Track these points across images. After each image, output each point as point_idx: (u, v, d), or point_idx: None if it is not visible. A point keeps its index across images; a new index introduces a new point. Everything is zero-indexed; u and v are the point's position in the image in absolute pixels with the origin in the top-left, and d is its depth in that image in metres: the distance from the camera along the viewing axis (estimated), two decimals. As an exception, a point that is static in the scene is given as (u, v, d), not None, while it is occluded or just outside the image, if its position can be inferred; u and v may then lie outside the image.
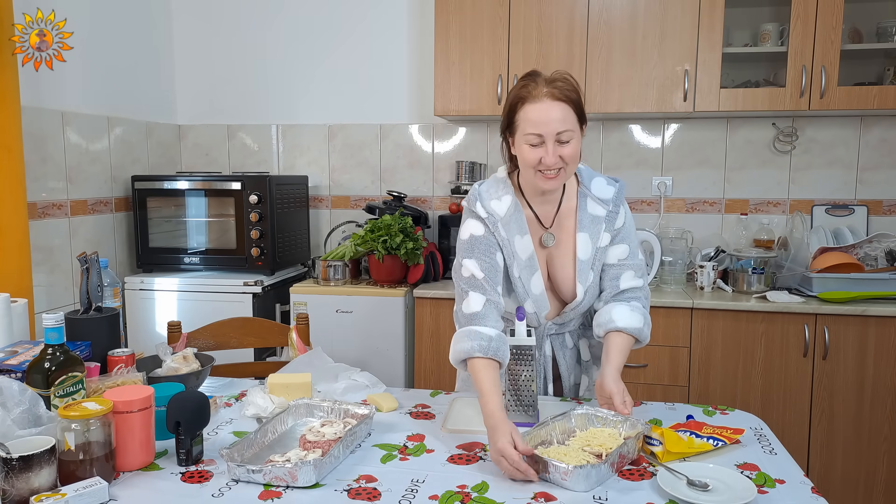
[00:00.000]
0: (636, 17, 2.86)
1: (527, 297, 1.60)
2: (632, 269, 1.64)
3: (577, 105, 1.49)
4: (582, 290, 1.60)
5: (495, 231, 1.58)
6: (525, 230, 1.59)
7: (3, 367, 1.47)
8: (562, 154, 1.47)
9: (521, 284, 1.59)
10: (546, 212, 1.63)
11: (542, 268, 1.63)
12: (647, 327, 1.61)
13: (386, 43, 3.42)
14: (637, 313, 1.59)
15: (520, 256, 1.59)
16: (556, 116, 1.46)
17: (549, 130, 1.46)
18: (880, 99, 2.73)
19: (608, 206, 1.61)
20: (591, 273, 1.61)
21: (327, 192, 3.58)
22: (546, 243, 1.63)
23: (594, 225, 1.61)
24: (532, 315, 1.62)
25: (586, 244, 1.60)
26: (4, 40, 2.23)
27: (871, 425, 2.60)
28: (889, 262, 2.73)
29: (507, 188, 1.62)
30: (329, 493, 1.22)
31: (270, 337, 2.20)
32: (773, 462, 1.34)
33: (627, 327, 1.57)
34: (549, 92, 1.46)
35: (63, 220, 2.84)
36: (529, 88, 1.48)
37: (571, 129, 1.47)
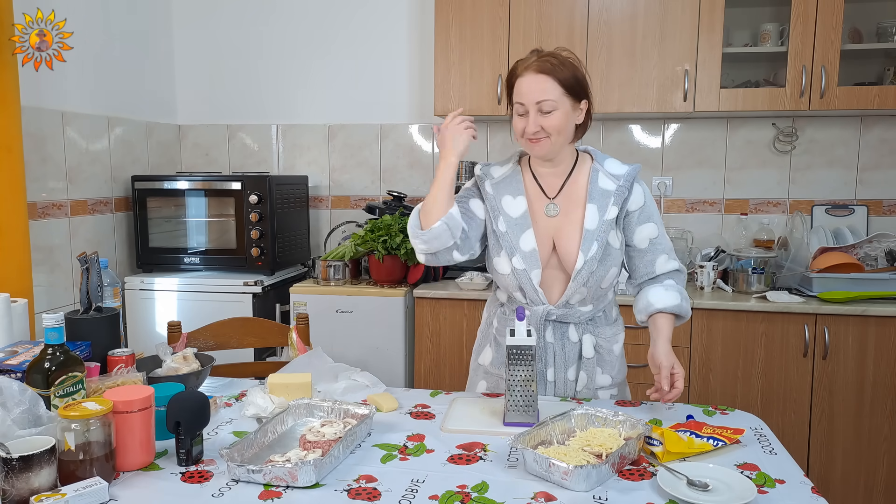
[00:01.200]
0: (636, 17, 2.86)
1: (515, 252, 1.65)
2: (664, 253, 1.70)
3: (564, 79, 1.57)
4: (583, 258, 1.62)
5: (482, 186, 1.71)
6: (519, 192, 1.69)
7: (3, 367, 1.48)
8: (543, 124, 1.57)
9: (507, 240, 1.66)
10: (551, 183, 1.70)
11: (541, 235, 1.67)
12: (686, 302, 1.69)
13: (386, 43, 3.42)
14: (672, 291, 1.67)
15: (507, 213, 1.68)
16: (536, 87, 1.56)
17: (530, 100, 1.57)
18: (880, 99, 2.73)
19: (619, 181, 1.66)
20: (596, 244, 1.63)
21: (327, 192, 3.58)
22: (548, 213, 1.68)
23: (603, 198, 1.65)
24: (522, 273, 1.65)
25: (594, 215, 1.64)
26: (4, 40, 2.23)
27: (871, 425, 2.60)
28: (889, 262, 2.73)
29: (513, 157, 1.76)
30: (329, 493, 1.22)
31: (270, 337, 2.20)
32: (773, 462, 1.34)
33: (666, 307, 1.66)
34: (535, 64, 1.57)
35: (63, 220, 2.84)
36: (521, 61, 1.61)
37: (553, 100, 1.56)
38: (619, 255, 1.68)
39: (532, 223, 1.66)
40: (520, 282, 1.66)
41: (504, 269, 1.67)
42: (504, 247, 1.66)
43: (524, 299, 1.69)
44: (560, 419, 1.43)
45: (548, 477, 1.25)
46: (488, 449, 1.40)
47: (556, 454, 1.28)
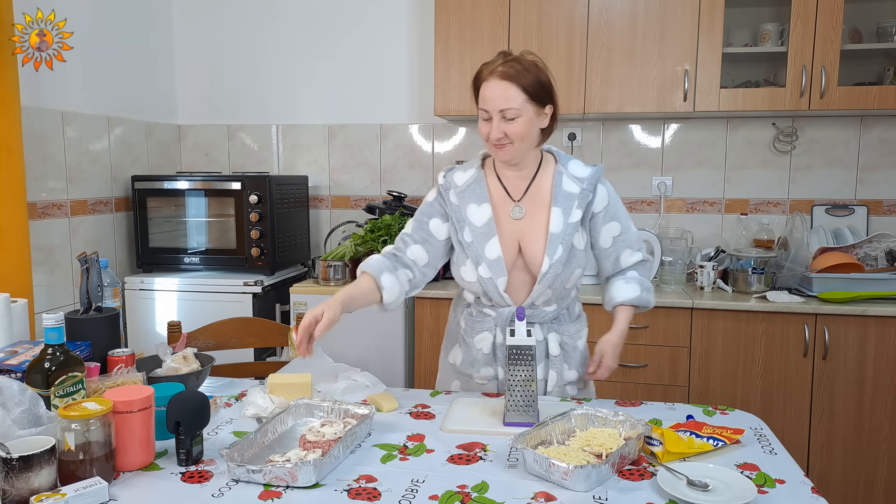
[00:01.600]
0: (636, 17, 2.86)
1: (481, 261, 1.66)
2: (629, 247, 1.76)
3: (528, 86, 1.56)
4: (548, 261, 1.64)
5: (446, 197, 1.71)
6: (483, 199, 1.69)
7: (3, 367, 1.48)
8: (506, 130, 1.58)
9: (472, 249, 1.67)
10: (516, 186, 1.71)
11: (506, 239, 1.68)
12: (647, 292, 1.75)
13: (386, 43, 3.42)
14: (633, 283, 1.74)
15: (473, 223, 1.68)
16: (500, 94, 1.56)
17: (493, 107, 1.57)
18: (880, 99, 2.73)
19: (582, 183, 1.68)
20: (560, 247, 1.65)
21: (327, 192, 3.58)
22: (514, 215, 1.69)
23: (568, 201, 1.67)
24: (487, 281, 1.67)
25: (558, 218, 1.66)
26: (4, 40, 2.23)
27: (871, 425, 2.60)
28: (889, 262, 2.73)
29: (476, 162, 1.75)
30: (329, 493, 1.22)
31: (270, 337, 2.20)
32: (773, 462, 1.34)
33: (626, 300, 1.74)
34: (499, 71, 1.56)
35: (63, 220, 2.84)
36: (486, 66, 1.60)
37: (516, 108, 1.56)
38: (584, 257, 1.71)
39: (497, 229, 1.68)
40: (485, 289, 1.68)
41: (470, 277, 1.70)
42: (470, 256, 1.68)
43: (489, 302, 1.72)
44: (560, 419, 1.43)
45: (548, 477, 1.25)
46: (488, 449, 1.40)
47: (556, 454, 1.28)
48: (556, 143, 3.31)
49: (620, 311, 1.77)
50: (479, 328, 1.76)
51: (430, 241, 1.73)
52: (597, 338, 1.77)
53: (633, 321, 2.73)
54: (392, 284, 1.66)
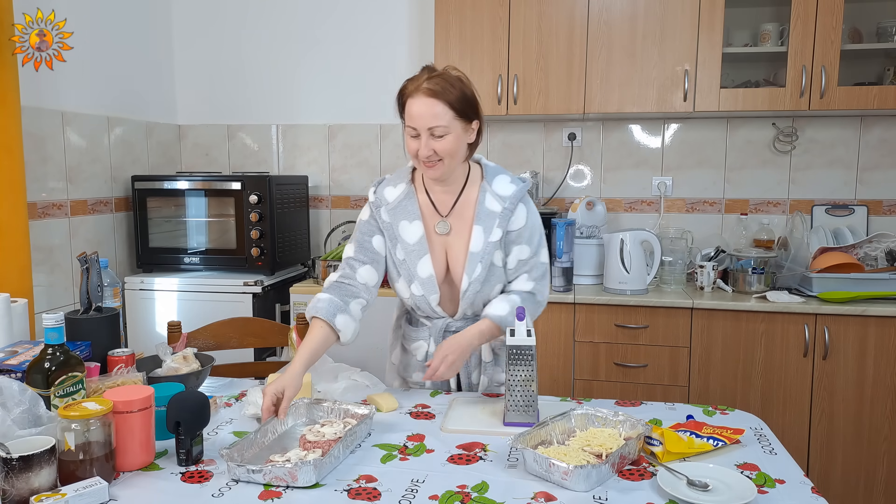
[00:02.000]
0: (636, 17, 2.86)
1: (413, 279, 1.69)
2: (526, 273, 1.70)
3: (455, 102, 1.56)
4: (467, 280, 1.66)
5: (377, 215, 1.70)
6: (415, 216, 1.68)
7: (3, 367, 1.48)
8: (435, 147, 1.56)
9: (405, 267, 1.68)
10: (443, 201, 1.70)
11: (437, 254, 1.69)
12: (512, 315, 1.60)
13: (386, 43, 3.42)
14: (504, 302, 1.66)
15: (405, 240, 1.68)
16: (427, 112, 1.54)
17: (422, 125, 1.55)
18: (880, 99, 2.73)
19: (504, 202, 1.66)
20: (479, 266, 1.65)
21: (327, 192, 3.58)
22: (439, 230, 1.70)
23: (489, 219, 1.66)
24: (420, 298, 1.69)
25: (479, 237, 1.66)
26: (4, 40, 2.23)
27: (871, 425, 2.60)
28: (889, 262, 2.73)
29: (405, 176, 1.73)
30: (329, 493, 1.22)
31: (270, 337, 2.20)
32: (773, 462, 1.34)
33: (489, 314, 1.66)
34: (425, 88, 1.55)
35: (63, 220, 2.84)
36: (410, 82, 1.59)
37: (445, 125, 1.55)
38: (504, 274, 1.71)
39: (428, 245, 1.68)
40: (418, 304, 1.72)
41: (404, 293, 1.73)
42: (402, 274, 1.70)
43: (423, 314, 1.76)
44: (560, 419, 1.43)
45: (548, 477, 1.25)
46: (488, 449, 1.41)
47: (556, 454, 1.28)
48: (557, 142, 3.32)
49: (484, 322, 1.67)
50: (415, 336, 1.81)
51: (377, 259, 1.72)
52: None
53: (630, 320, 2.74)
54: (346, 324, 1.63)
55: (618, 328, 2.74)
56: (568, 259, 2.84)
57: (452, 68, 1.63)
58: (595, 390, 2.77)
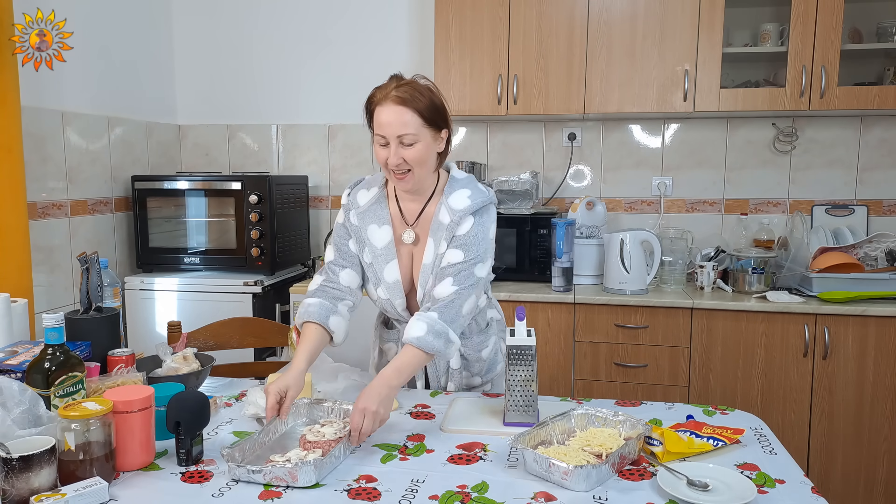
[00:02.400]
0: (636, 17, 2.86)
1: (379, 283, 1.70)
2: (452, 276, 1.59)
3: (424, 111, 1.55)
4: (421, 291, 1.68)
5: (348, 217, 1.72)
6: (384, 221, 1.69)
7: (3, 367, 1.48)
8: (404, 156, 1.55)
9: (372, 271, 1.70)
10: (410, 209, 1.71)
11: (404, 261, 1.70)
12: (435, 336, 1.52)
13: (386, 43, 3.42)
14: (421, 322, 1.54)
15: (373, 244, 1.69)
16: (396, 120, 1.54)
17: (391, 133, 1.55)
18: (880, 99, 2.73)
19: (454, 215, 1.62)
20: (431, 278, 1.65)
21: (327, 192, 3.58)
22: (404, 240, 1.70)
23: (439, 231, 1.64)
24: (386, 301, 1.71)
25: (430, 249, 1.66)
26: (4, 40, 2.23)
27: (871, 425, 2.60)
28: (889, 262, 2.73)
29: (379, 181, 1.74)
30: (329, 493, 1.22)
31: (270, 337, 2.20)
32: (773, 462, 1.34)
33: (409, 340, 1.53)
34: (394, 96, 1.54)
35: (63, 220, 2.84)
36: (379, 90, 1.58)
37: (414, 133, 1.54)
38: None
39: (396, 250, 1.69)
40: (385, 308, 1.74)
41: (373, 295, 1.75)
42: (369, 277, 1.71)
43: (395, 316, 1.77)
44: (560, 419, 1.43)
45: (548, 477, 1.25)
46: (488, 449, 1.41)
47: (556, 454, 1.28)
48: (557, 142, 3.32)
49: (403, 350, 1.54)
50: (387, 338, 1.84)
51: (355, 262, 1.73)
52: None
53: (630, 320, 2.75)
54: (339, 325, 1.65)
55: (618, 328, 2.74)
56: (568, 259, 2.84)
57: (421, 77, 1.62)
58: (595, 390, 2.77)
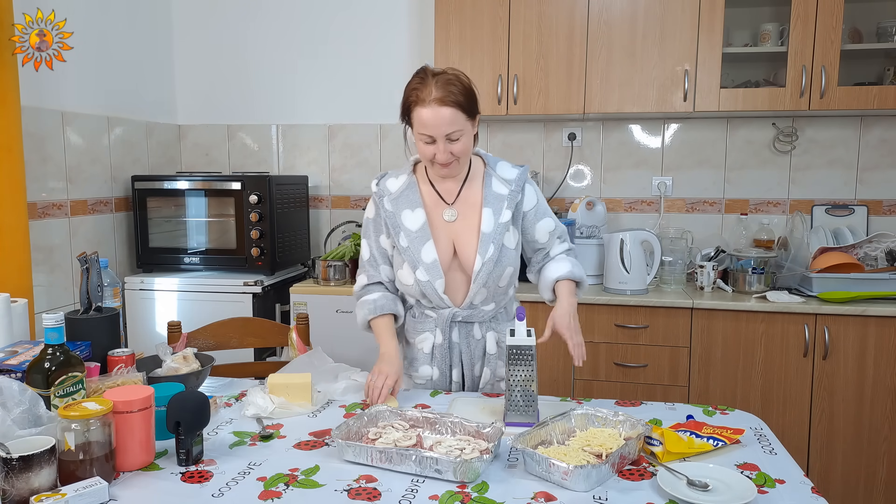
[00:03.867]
0: (636, 16, 2.86)
1: (418, 265, 1.72)
2: (558, 237, 1.84)
3: (465, 104, 1.62)
4: (480, 260, 1.70)
5: (381, 206, 1.77)
6: (417, 204, 1.75)
7: (3, 367, 1.48)
8: (452, 150, 1.64)
9: (409, 254, 1.73)
10: (448, 189, 1.77)
11: (441, 242, 1.74)
12: (577, 268, 1.79)
13: (386, 43, 3.42)
14: (562, 262, 1.79)
15: (408, 227, 1.73)
16: (444, 121, 1.60)
17: (439, 133, 1.61)
18: (880, 99, 2.73)
19: (511, 185, 1.75)
20: (492, 246, 1.70)
21: (327, 192, 3.58)
22: (447, 217, 1.76)
23: (497, 202, 1.73)
24: (426, 284, 1.72)
25: (489, 219, 1.72)
26: (4, 40, 2.23)
27: (871, 425, 2.60)
28: (889, 262, 2.73)
29: (407, 168, 1.81)
30: (329, 493, 1.22)
31: (270, 337, 2.20)
32: (773, 462, 1.34)
33: (561, 275, 1.76)
34: (437, 97, 1.59)
35: (63, 220, 2.84)
36: (419, 92, 1.61)
37: (460, 129, 1.62)
38: (515, 256, 1.76)
39: (432, 233, 1.73)
40: (424, 291, 1.73)
41: (407, 280, 1.75)
42: (407, 260, 1.73)
43: (429, 304, 1.77)
44: (560, 419, 1.43)
45: (548, 477, 1.25)
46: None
47: (556, 454, 1.28)
48: (557, 142, 3.32)
49: (560, 286, 1.77)
50: (421, 329, 1.82)
51: (388, 257, 1.81)
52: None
53: (630, 320, 2.75)
54: (401, 310, 1.81)
55: (618, 328, 2.74)
56: (568, 259, 2.84)
57: (449, 69, 1.66)
58: (595, 390, 2.77)
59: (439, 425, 1.44)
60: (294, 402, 1.61)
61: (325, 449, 1.41)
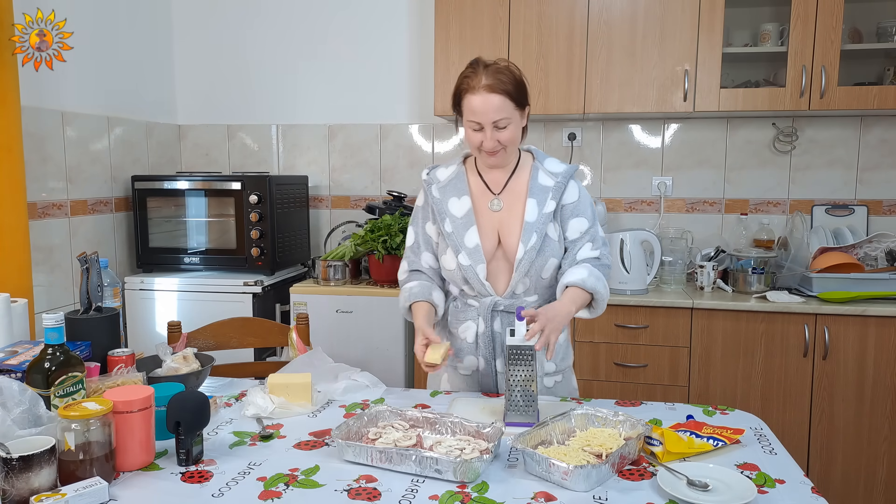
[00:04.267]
0: (636, 16, 2.86)
1: (461, 249, 1.74)
2: (590, 242, 1.77)
3: (514, 93, 1.66)
4: (523, 248, 1.71)
5: (429, 193, 1.80)
6: (463, 192, 1.78)
7: (3, 367, 1.48)
8: (499, 138, 1.67)
9: (453, 239, 1.75)
10: (497, 179, 1.80)
11: (486, 230, 1.75)
12: (596, 279, 1.70)
13: (386, 43, 3.42)
14: (580, 268, 1.72)
15: (453, 214, 1.77)
16: (492, 107, 1.63)
17: (487, 119, 1.65)
18: (880, 99, 2.73)
19: (557, 178, 1.77)
20: (535, 235, 1.71)
21: (327, 192, 3.58)
22: (493, 207, 1.77)
23: (543, 193, 1.75)
24: (468, 268, 1.72)
25: (533, 209, 1.74)
26: (4, 40, 2.23)
27: (871, 425, 2.60)
28: (889, 262, 2.73)
29: (457, 160, 1.86)
30: (329, 493, 1.22)
31: (270, 337, 2.20)
32: (773, 462, 1.34)
33: (572, 281, 1.70)
34: (486, 84, 1.63)
35: (63, 220, 2.84)
36: (470, 80, 1.66)
37: (507, 117, 1.65)
38: (558, 248, 1.75)
39: (476, 220, 1.76)
40: (466, 276, 1.73)
41: (450, 265, 1.76)
42: (450, 245, 1.75)
43: (472, 292, 1.76)
44: (560, 419, 1.43)
45: (548, 477, 1.25)
46: (488, 449, 1.40)
47: (556, 454, 1.28)
48: (557, 142, 3.32)
49: (567, 291, 1.69)
50: (463, 318, 1.80)
51: (433, 245, 1.83)
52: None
53: (630, 320, 2.75)
54: (440, 300, 1.80)
55: (618, 328, 2.74)
56: (568, 259, 2.84)
57: (501, 60, 1.70)
58: (595, 390, 2.77)
59: (439, 425, 1.44)
60: (294, 402, 1.62)
61: (325, 449, 1.41)
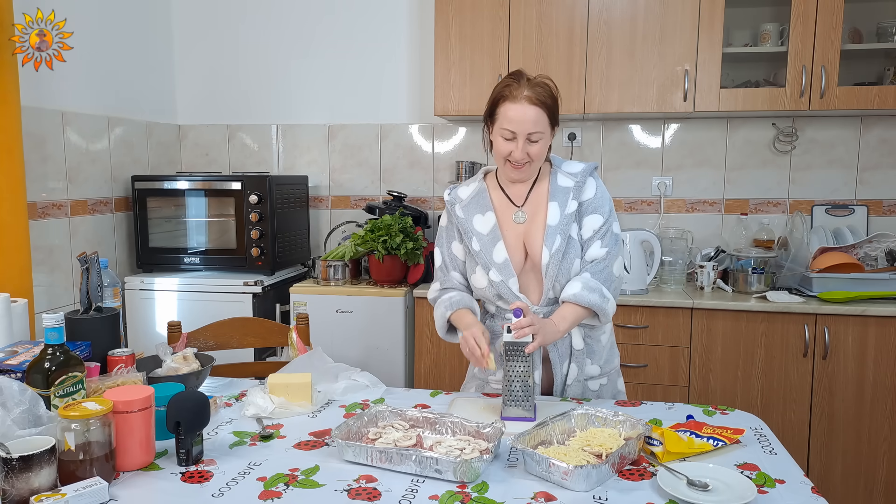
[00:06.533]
0: (636, 17, 2.86)
1: (490, 266, 1.72)
2: (599, 239, 1.73)
3: (551, 110, 1.66)
4: (548, 252, 1.70)
5: (452, 212, 1.80)
6: (487, 208, 1.77)
7: (3, 367, 1.48)
8: (529, 151, 1.66)
9: (482, 256, 1.74)
10: (519, 192, 1.78)
11: (512, 243, 1.74)
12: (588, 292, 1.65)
13: (386, 43, 3.42)
14: (576, 281, 1.68)
15: (479, 231, 1.76)
16: (530, 119, 1.63)
17: (522, 129, 1.63)
18: (880, 99, 2.73)
19: (576, 177, 1.75)
20: (559, 237, 1.70)
21: (327, 192, 3.58)
22: (517, 220, 1.76)
23: (563, 195, 1.74)
24: (500, 284, 1.71)
25: (555, 211, 1.72)
26: (4, 40, 2.23)
27: (871, 425, 2.60)
28: (889, 262, 2.73)
29: (478, 176, 1.85)
30: (329, 493, 1.22)
31: (270, 337, 2.20)
32: (773, 462, 1.34)
33: (565, 297, 1.68)
34: (527, 95, 1.63)
35: (63, 220, 2.84)
36: (512, 89, 1.65)
37: (542, 132, 1.65)
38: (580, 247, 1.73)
39: (502, 234, 1.74)
40: (499, 291, 1.72)
41: (481, 283, 1.75)
42: (479, 263, 1.74)
43: (507, 306, 1.73)
44: (560, 419, 1.43)
45: (548, 477, 1.25)
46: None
47: (556, 454, 1.28)
48: (556, 143, 3.31)
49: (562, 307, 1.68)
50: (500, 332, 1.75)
51: (459, 264, 1.82)
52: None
53: (630, 320, 2.75)
54: (477, 310, 1.78)
55: (618, 328, 2.74)
56: (568, 259, 2.84)
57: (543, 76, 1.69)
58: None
59: (439, 425, 1.44)
60: (294, 402, 1.62)
61: (325, 449, 1.41)
